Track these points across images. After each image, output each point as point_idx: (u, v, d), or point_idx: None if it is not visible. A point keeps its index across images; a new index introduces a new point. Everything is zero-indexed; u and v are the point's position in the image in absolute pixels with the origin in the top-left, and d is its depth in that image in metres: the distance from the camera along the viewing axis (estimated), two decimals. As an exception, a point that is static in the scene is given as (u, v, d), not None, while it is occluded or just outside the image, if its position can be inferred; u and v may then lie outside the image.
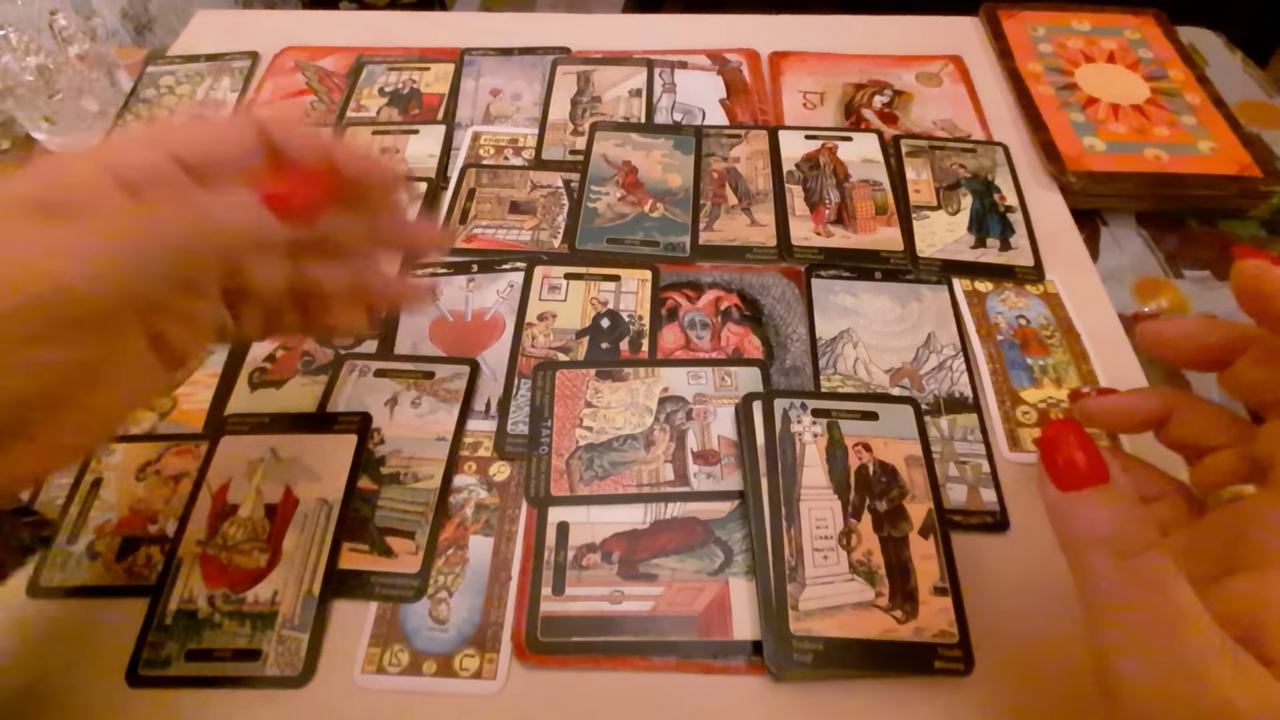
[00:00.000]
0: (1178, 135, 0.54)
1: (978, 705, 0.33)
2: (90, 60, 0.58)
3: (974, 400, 0.42)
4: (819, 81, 0.61)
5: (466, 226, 0.50)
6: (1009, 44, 0.62)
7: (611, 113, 0.58)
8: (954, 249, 0.49)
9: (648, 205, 0.51)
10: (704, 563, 0.36)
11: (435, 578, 0.36)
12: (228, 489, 0.38)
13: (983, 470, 0.39)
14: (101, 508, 0.38)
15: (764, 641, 0.33)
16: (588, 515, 0.38)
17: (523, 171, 0.53)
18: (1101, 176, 0.52)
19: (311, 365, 0.43)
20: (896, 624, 0.33)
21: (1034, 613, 0.35)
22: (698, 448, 0.40)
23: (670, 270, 0.48)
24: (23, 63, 0.55)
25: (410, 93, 0.60)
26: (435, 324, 0.45)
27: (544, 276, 0.47)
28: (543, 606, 0.35)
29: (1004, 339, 0.44)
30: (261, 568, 0.36)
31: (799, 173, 0.53)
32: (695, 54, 0.63)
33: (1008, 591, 0.36)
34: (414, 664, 0.34)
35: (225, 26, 0.68)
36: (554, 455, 0.39)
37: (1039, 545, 0.37)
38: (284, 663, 0.33)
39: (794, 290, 0.47)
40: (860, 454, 0.38)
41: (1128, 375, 0.43)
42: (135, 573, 0.36)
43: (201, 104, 0.60)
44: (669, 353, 0.44)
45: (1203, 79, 0.59)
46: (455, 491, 0.39)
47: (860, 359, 0.43)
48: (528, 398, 0.41)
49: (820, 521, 0.36)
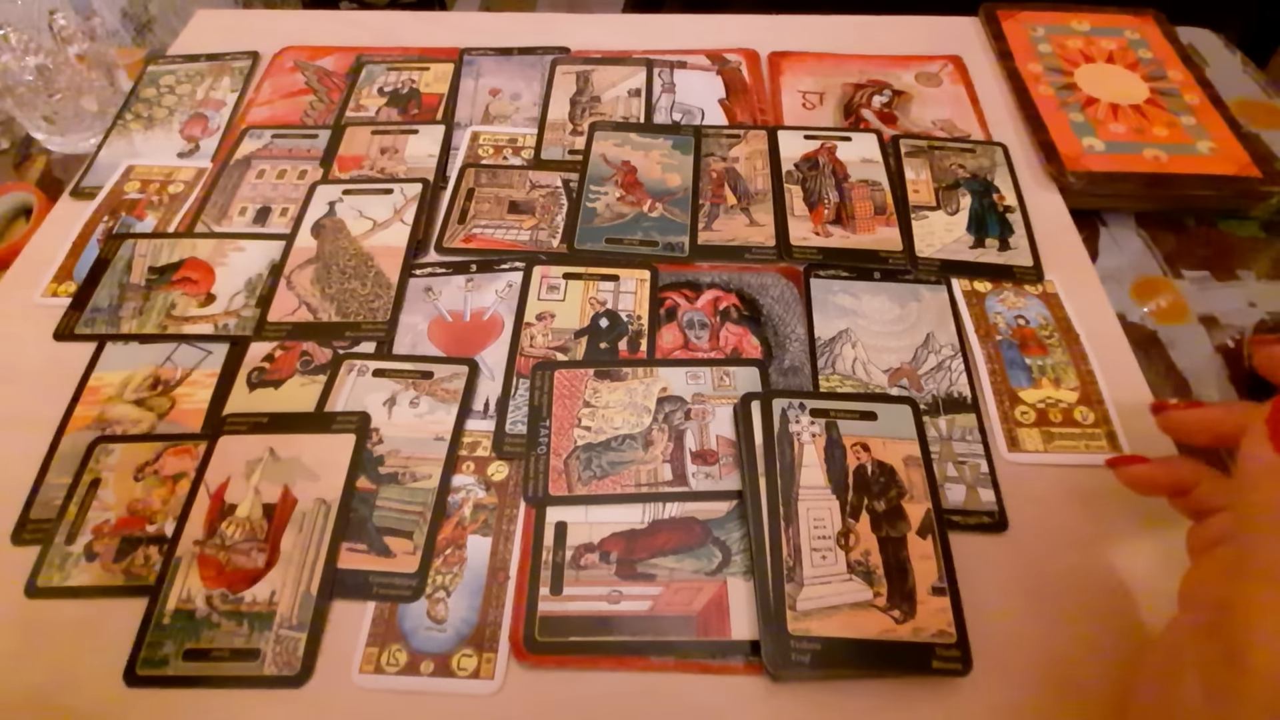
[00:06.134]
0: (1177, 135, 0.54)
1: (976, 705, 0.33)
2: (90, 60, 0.58)
3: (972, 400, 0.42)
4: (818, 81, 0.61)
5: (465, 226, 0.50)
6: (1009, 44, 0.62)
7: (611, 113, 0.58)
8: (953, 249, 0.49)
9: (646, 205, 0.51)
10: (702, 562, 0.36)
11: (433, 577, 0.36)
12: (226, 489, 0.38)
13: (981, 470, 0.39)
14: (100, 508, 0.38)
15: (762, 641, 0.33)
16: (586, 515, 0.38)
17: (522, 171, 0.53)
18: (1101, 177, 0.52)
19: (310, 365, 0.43)
20: (894, 624, 0.33)
21: (1032, 613, 0.35)
22: (696, 447, 0.40)
23: (669, 270, 0.48)
24: (22, 63, 0.55)
25: (410, 92, 0.60)
26: (434, 324, 0.45)
27: (543, 276, 0.47)
28: (541, 606, 0.35)
29: (1003, 339, 0.44)
30: (260, 567, 0.36)
31: (798, 173, 0.53)
32: (695, 54, 0.63)
33: (1006, 591, 0.36)
34: (412, 664, 0.34)
35: (225, 26, 0.68)
36: (552, 455, 0.39)
37: (1037, 545, 0.37)
38: (282, 662, 0.34)
39: (793, 290, 0.47)
40: (858, 454, 0.38)
41: (1126, 376, 0.43)
42: (133, 573, 0.36)
43: (201, 104, 0.60)
44: (667, 353, 0.44)
45: (1202, 79, 0.59)
46: (453, 491, 0.39)
47: (859, 359, 0.43)
48: (526, 398, 0.41)
49: (818, 521, 0.36)
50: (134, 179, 0.54)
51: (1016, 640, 0.34)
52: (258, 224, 0.51)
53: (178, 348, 0.45)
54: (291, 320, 0.45)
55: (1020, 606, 0.35)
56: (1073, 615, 0.35)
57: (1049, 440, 0.40)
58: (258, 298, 0.47)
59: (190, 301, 0.46)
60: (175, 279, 0.48)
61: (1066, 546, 0.37)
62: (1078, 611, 0.35)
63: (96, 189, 0.54)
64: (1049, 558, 0.37)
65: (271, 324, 0.45)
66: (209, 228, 0.51)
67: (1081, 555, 0.37)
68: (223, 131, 0.58)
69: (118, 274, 0.48)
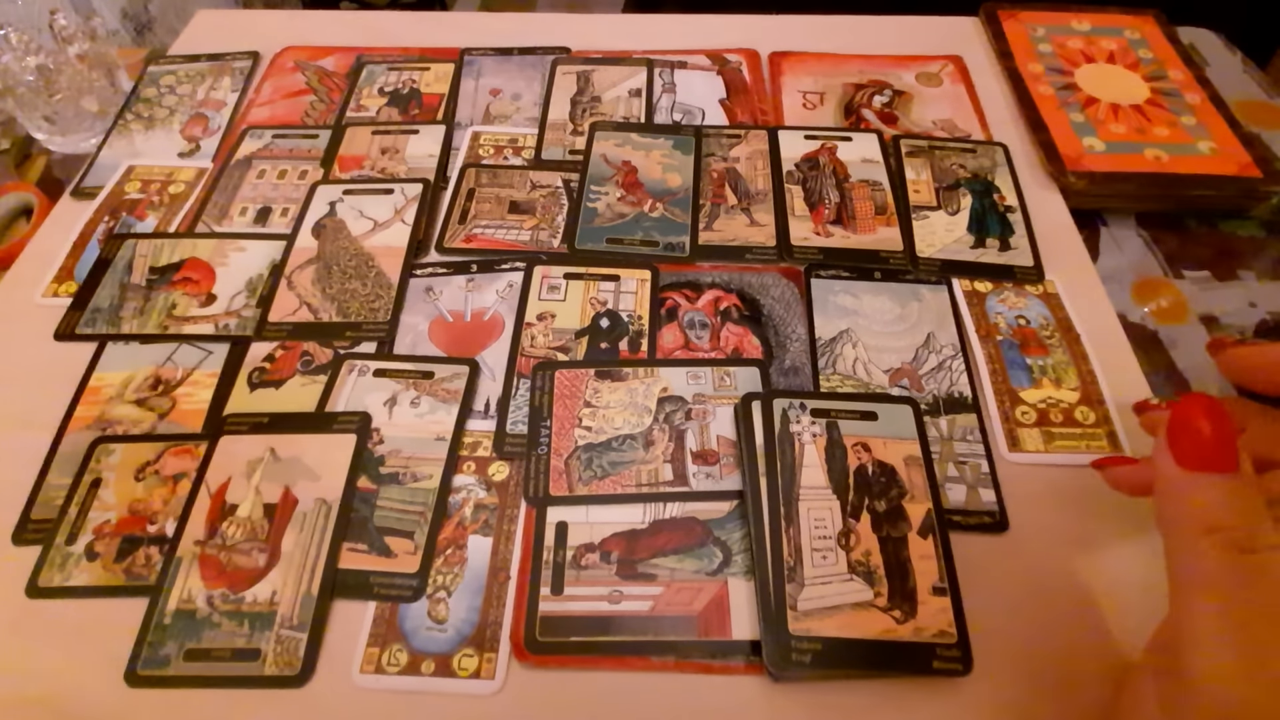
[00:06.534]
0: (1177, 135, 0.54)
1: (976, 705, 0.33)
2: (90, 60, 0.58)
3: (973, 400, 0.42)
4: (819, 81, 0.61)
5: (466, 226, 0.50)
6: (1009, 44, 0.62)
7: (611, 113, 0.58)
8: (953, 249, 0.48)
9: (647, 205, 0.51)
10: (703, 563, 0.36)
11: (434, 577, 0.36)
12: (227, 489, 0.38)
13: (982, 470, 0.39)
14: (100, 508, 0.38)
15: (763, 641, 0.33)
16: (587, 515, 0.38)
17: (522, 171, 0.53)
18: (1101, 177, 0.52)
19: (310, 365, 0.43)
20: (895, 624, 0.33)
21: (1033, 613, 0.35)
22: (697, 448, 0.40)
23: (669, 270, 0.48)
24: (23, 63, 0.55)
25: (410, 93, 0.60)
26: (434, 324, 0.45)
27: (543, 276, 0.47)
28: (541, 606, 0.35)
29: (1003, 339, 0.44)
30: (260, 567, 0.36)
31: (799, 173, 0.53)
32: (695, 54, 0.63)
33: (1007, 592, 0.36)
34: (412, 664, 0.34)
35: (225, 26, 0.68)
36: (553, 455, 0.39)
37: (1038, 545, 0.37)
38: (283, 662, 0.34)
39: (793, 290, 0.47)
40: (859, 454, 0.38)
41: (1127, 376, 0.43)
42: (134, 573, 0.36)
43: (202, 104, 0.60)
44: (668, 353, 0.44)
45: (1203, 79, 0.59)
46: (454, 491, 0.39)
47: (859, 359, 0.43)
48: (527, 398, 0.41)
49: (819, 521, 0.36)
50: (135, 179, 0.54)
51: (1017, 640, 0.34)
52: (258, 224, 0.51)
53: (178, 348, 0.45)
54: (292, 320, 0.45)
55: (1021, 607, 0.35)
56: (1073, 615, 0.35)
57: (1050, 440, 0.40)
58: (258, 298, 0.47)
59: (191, 302, 0.46)
60: (176, 279, 0.48)
61: (1067, 547, 0.37)
62: (1078, 611, 0.35)
63: (97, 189, 0.54)
64: (1050, 558, 0.37)
65: (272, 324, 0.45)
66: (210, 228, 0.51)
67: (1082, 555, 0.37)
68: (223, 131, 0.58)
69: (118, 274, 0.48)
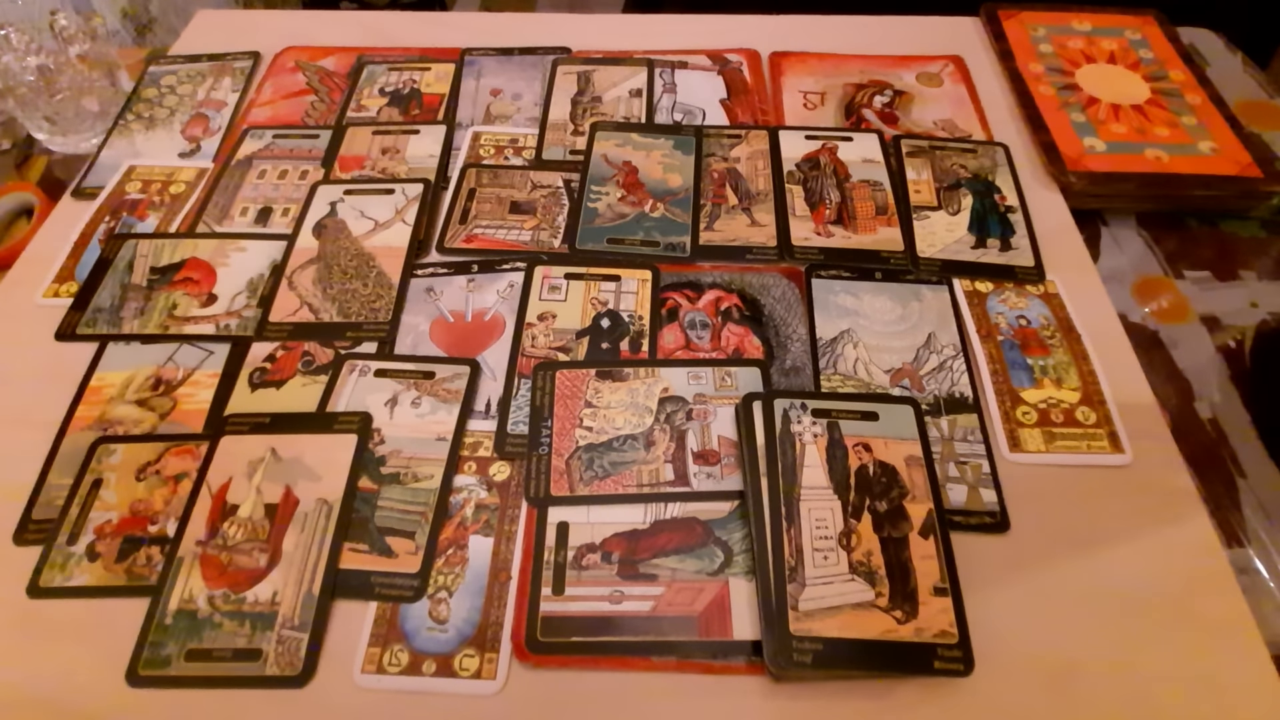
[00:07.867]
0: (1178, 135, 0.54)
1: (977, 705, 0.33)
2: (91, 60, 0.58)
3: (974, 400, 0.42)
4: (819, 81, 0.61)
5: (467, 226, 0.50)
6: (1009, 44, 0.62)
7: (612, 113, 0.58)
8: (954, 249, 0.48)
9: (648, 205, 0.51)
10: (704, 563, 0.36)
11: (435, 578, 0.36)
12: (228, 489, 0.38)
13: (983, 471, 0.39)
14: (102, 508, 0.38)
15: (764, 642, 0.33)
16: (588, 515, 0.38)
17: (523, 171, 0.53)
18: (1102, 177, 0.52)
19: (311, 365, 0.43)
20: (896, 624, 0.33)
21: (1034, 613, 0.35)
22: (698, 448, 0.40)
23: (670, 270, 0.48)
24: (24, 63, 0.55)
25: (411, 93, 0.60)
26: (435, 324, 0.45)
27: (544, 276, 0.47)
28: (542, 606, 0.35)
29: (1004, 339, 0.44)
30: (261, 568, 0.36)
31: (799, 173, 0.53)
32: (695, 54, 0.63)
33: (1008, 592, 0.36)
34: (414, 664, 0.34)
35: (226, 26, 0.68)
36: (554, 455, 0.39)
37: (1039, 546, 0.37)
38: (284, 662, 0.33)
39: (794, 290, 0.47)
40: (860, 454, 0.38)
41: (1128, 376, 0.43)
42: (135, 573, 0.36)
43: (202, 104, 0.60)
44: (669, 353, 0.44)
45: (1203, 79, 0.59)
46: (455, 491, 0.39)
47: (860, 359, 0.43)
48: (528, 398, 0.41)
49: (820, 522, 0.36)
50: (135, 179, 0.54)
51: (1018, 641, 0.34)
52: (259, 224, 0.51)
53: (179, 348, 0.45)
54: (293, 320, 0.45)
55: (1022, 607, 0.35)
56: (1073, 615, 0.35)
57: (1050, 440, 0.40)
58: (259, 298, 0.47)
59: (192, 302, 0.46)
60: (177, 279, 0.48)
61: (1068, 546, 0.37)
62: (1078, 611, 0.35)
63: (98, 189, 0.54)
64: (1050, 558, 0.37)
65: (273, 324, 0.45)
66: (210, 228, 0.51)
67: (1082, 555, 0.37)
68: (224, 132, 0.58)
69: (119, 274, 0.48)
